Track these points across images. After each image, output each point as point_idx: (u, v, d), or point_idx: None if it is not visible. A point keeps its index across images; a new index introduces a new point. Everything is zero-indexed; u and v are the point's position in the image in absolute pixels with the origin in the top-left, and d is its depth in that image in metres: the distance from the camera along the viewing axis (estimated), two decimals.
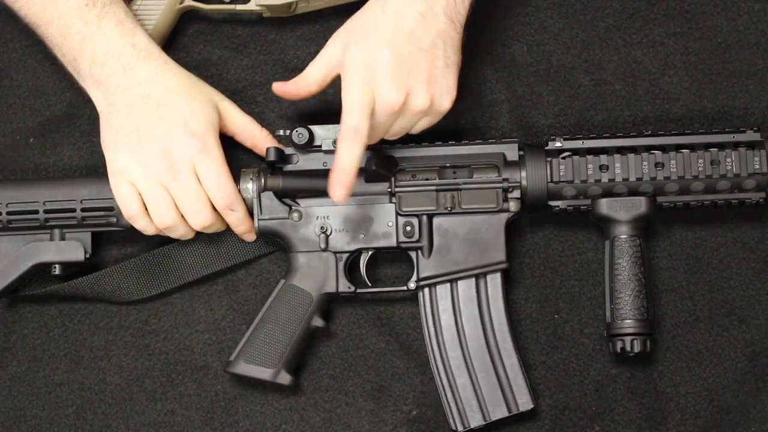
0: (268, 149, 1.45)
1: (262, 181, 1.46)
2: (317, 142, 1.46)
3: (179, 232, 1.45)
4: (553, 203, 1.45)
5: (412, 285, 1.47)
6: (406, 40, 1.36)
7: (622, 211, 1.43)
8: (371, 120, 1.36)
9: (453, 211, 1.45)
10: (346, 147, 1.35)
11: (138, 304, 1.53)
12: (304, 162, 1.47)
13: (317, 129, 1.46)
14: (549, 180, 1.44)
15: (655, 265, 1.51)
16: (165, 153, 1.40)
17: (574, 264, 1.51)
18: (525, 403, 1.45)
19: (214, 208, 1.44)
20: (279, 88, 1.43)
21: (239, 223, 1.45)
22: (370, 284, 1.48)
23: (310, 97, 1.49)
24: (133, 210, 1.42)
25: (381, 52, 1.35)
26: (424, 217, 1.46)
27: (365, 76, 1.35)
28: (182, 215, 1.43)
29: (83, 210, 1.47)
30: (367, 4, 1.40)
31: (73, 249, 1.48)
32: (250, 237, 1.48)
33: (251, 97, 1.55)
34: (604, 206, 1.43)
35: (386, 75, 1.35)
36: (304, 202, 1.47)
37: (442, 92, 1.38)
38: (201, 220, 1.43)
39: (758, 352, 1.49)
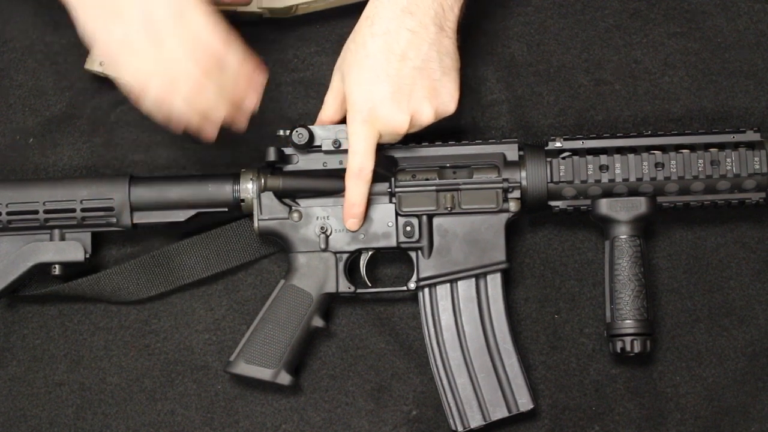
0: (268, 149, 1.45)
1: (262, 181, 1.46)
2: (317, 142, 1.46)
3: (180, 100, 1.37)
4: (553, 203, 1.45)
5: (412, 285, 1.47)
6: (400, 64, 1.37)
7: (622, 211, 1.43)
8: (378, 145, 1.40)
9: (453, 211, 1.45)
10: (353, 185, 1.42)
11: (138, 304, 1.53)
12: (304, 162, 1.47)
13: (317, 129, 1.46)
14: (549, 180, 1.44)
15: (655, 265, 1.51)
16: (146, 16, 1.33)
17: (574, 264, 1.51)
18: (525, 403, 1.45)
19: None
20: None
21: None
22: (370, 284, 1.48)
23: (310, 98, 1.51)
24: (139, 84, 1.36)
25: (379, 86, 1.38)
26: (424, 217, 1.46)
27: (366, 113, 1.39)
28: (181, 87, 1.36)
29: (83, 210, 1.47)
30: (358, 24, 1.40)
31: (72, 249, 1.48)
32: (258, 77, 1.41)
33: None
34: (604, 206, 1.43)
35: (388, 107, 1.38)
36: (304, 203, 1.47)
37: (444, 101, 1.40)
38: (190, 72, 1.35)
39: (758, 352, 1.49)
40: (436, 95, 1.39)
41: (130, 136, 1.56)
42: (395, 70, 1.37)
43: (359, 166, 1.41)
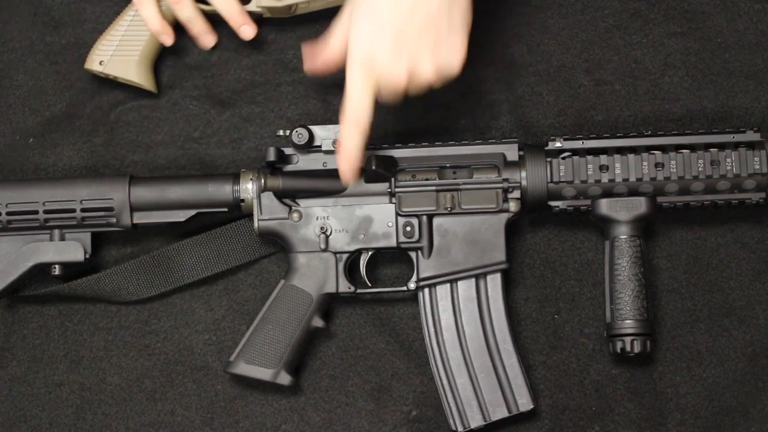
0: (268, 149, 1.45)
1: (262, 181, 1.46)
2: (317, 142, 1.46)
3: None
4: (553, 203, 1.45)
5: (412, 285, 1.47)
6: (407, 17, 1.34)
7: (622, 211, 1.43)
8: (375, 100, 1.36)
9: (453, 211, 1.45)
10: (348, 131, 1.37)
11: (138, 304, 1.53)
12: (304, 162, 1.47)
13: (317, 129, 1.46)
14: (549, 180, 1.44)
15: (655, 265, 1.51)
16: None
17: (574, 264, 1.51)
18: (525, 403, 1.45)
19: None
20: (309, 67, 1.44)
21: None
22: (370, 284, 1.48)
23: (310, 98, 1.50)
24: None
25: (381, 37, 1.34)
26: (424, 218, 1.46)
27: (367, 63, 1.35)
28: None
29: (83, 210, 1.47)
30: None
31: (72, 249, 1.48)
32: None
33: (251, 97, 1.55)
34: (604, 206, 1.43)
35: (387, 60, 1.34)
36: (303, 203, 1.47)
37: (447, 58, 1.36)
38: None
39: (758, 353, 1.49)
40: (439, 51, 1.35)
41: (130, 136, 1.56)
42: (401, 21, 1.33)
43: (355, 111, 1.36)
